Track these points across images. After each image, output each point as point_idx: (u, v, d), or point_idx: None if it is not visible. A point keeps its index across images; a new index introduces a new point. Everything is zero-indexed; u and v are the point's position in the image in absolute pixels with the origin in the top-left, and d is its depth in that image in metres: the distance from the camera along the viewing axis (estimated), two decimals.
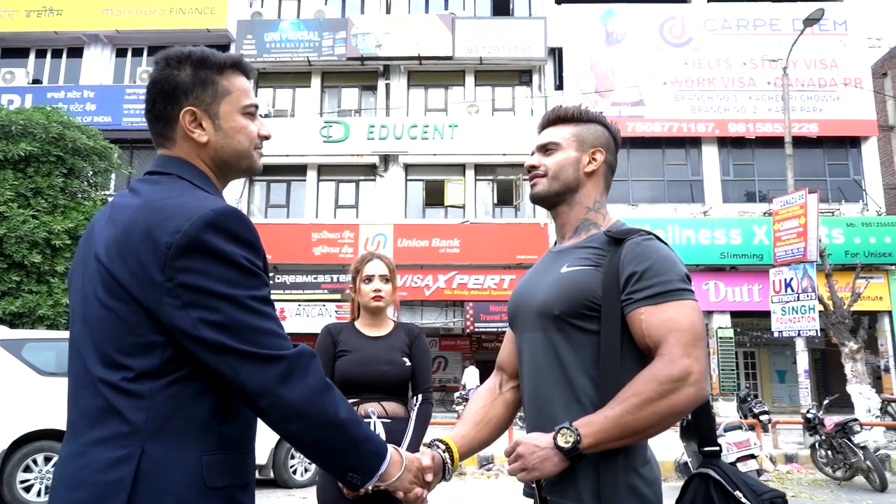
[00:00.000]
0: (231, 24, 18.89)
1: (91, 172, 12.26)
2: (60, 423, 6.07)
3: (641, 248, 1.51)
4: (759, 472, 7.25)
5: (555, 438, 1.40)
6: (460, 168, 18.75)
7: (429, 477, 1.53)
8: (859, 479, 8.42)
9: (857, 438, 8.20)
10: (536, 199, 1.72)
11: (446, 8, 19.71)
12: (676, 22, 18.94)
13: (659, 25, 18.90)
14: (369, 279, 2.72)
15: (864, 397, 11.66)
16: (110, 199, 10.11)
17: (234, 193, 18.27)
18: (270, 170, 18.62)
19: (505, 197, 18.86)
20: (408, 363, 2.67)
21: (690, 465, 7.27)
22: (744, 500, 1.41)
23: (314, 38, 18.72)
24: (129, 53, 19.52)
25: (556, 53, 19.03)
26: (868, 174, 18.30)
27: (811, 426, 9.10)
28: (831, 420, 8.70)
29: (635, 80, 18.43)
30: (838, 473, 8.59)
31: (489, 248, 17.42)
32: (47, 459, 6.51)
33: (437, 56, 18.64)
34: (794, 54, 15.11)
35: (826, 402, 10.34)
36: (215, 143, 1.36)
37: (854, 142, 18.47)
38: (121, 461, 1.15)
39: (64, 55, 19.58)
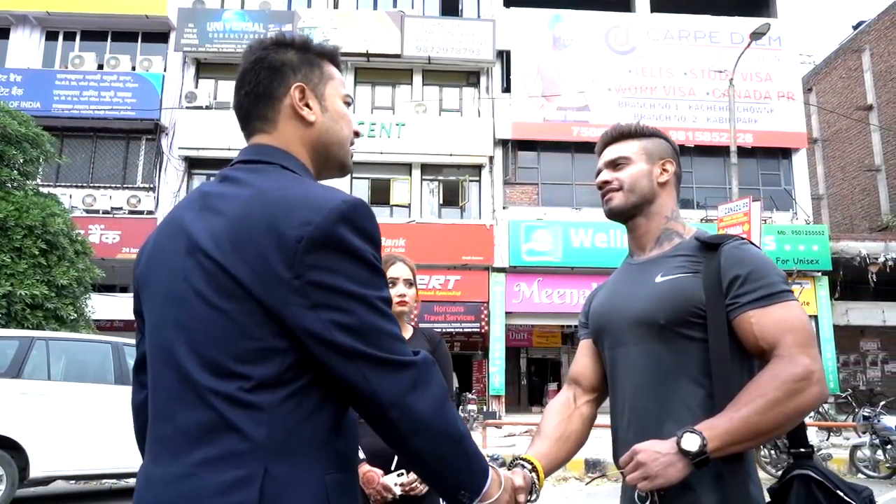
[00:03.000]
0: (171, 11, 18.21)
1: (22, 160, 11.54)
2: None
3: (741, 252, 1.51)
4: None
5: (678, 443, 1.36)
6: (406, 167, 18.63)
7: (521, 498, 1.45)
8: None
9: None
10: (613, 214, 1.72)
11: (395, 6, 19.54)
12: (621, 30, 19.35)
13: (604, 33, 19.26)
14: (392, 283, 2.59)
15: None
16: (42, 189, 9.43)
17: (173, 187, 17.64)
18: (210, 163, 18.06)
19: (451, 197, 18.84)
20: None
21: None
22: (847, 499, 1.42)
23: (259, 30, 18.22)
24: (61, 37, 18.53)
25: (503, 56, 19.12)
26: (798, 184, 19.14)
27: None
28: None
29: (581, 86, 18.72)
30: (781, 472, 8.89)
31: (435, 249, 17.36)
32: None
33: (386, 54, 18.47)
34: (731, 67, 15.65)
35: None
36: (321, 126, 1.27)
37: (785, 153, 19.29)
38: (242, 482, 1.01)
39: None
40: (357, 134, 1.36)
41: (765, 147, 18.96)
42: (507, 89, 18.98)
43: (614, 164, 1.71)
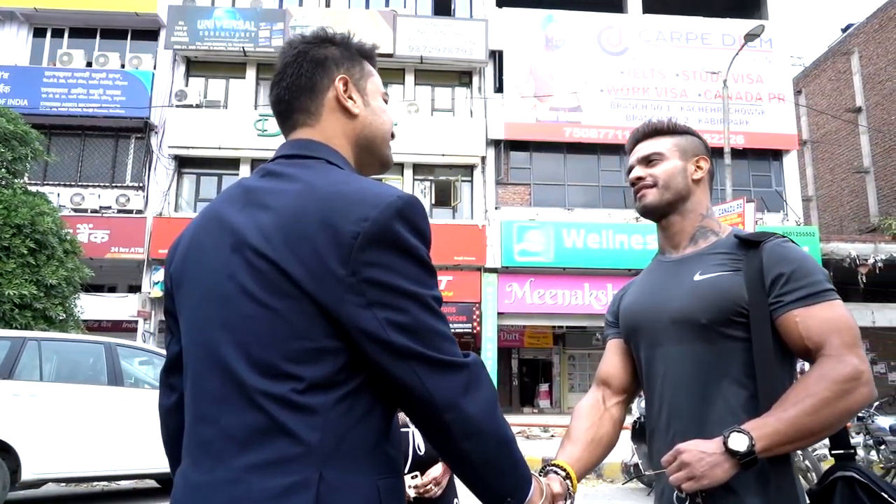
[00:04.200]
0: (161, 8, 18.04)
1: (10, 158, 11.37)
2: None
3: (784, 250, 1.48)
4: None
5: (725, 442, 1.32)
6: (398, 167, 18.54)
7: None
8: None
9: None
10: (647, 211, 1.68)
11: (387, 5, 19.47)
12: (613, 31, 19.38)
13: (597, 34, 19.28)
14: None
15: None
16: (29, 187, 9.30)
17: (162, 186, 17.47)
18: (201, 162, 17.94)
19: (443, 198, 18.78)
20: None
21: (641, 467, 7.38)
22: (893, 501, 1.38)
23: (250, 28, 18.11)
24: (49, 34, 18.32)
25: (496, 56, 19.10)
26: (788, 186, 19.24)
27: None
28: None
29: (573, 87, 18.72)
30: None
31: None
32: None
33: (378, 53, 18.26)
34: (725, 69, 15.70)
35: None
36: (364, 119, 1.26)
37: (776, 154, 19.39)
38: (296, 488, 0.97)
39: None
40: (392, 135, 1.33)
41: (756, 148, 19.05)
42: (499, 89, 18.96)
43: (647, 161, 1.67)
